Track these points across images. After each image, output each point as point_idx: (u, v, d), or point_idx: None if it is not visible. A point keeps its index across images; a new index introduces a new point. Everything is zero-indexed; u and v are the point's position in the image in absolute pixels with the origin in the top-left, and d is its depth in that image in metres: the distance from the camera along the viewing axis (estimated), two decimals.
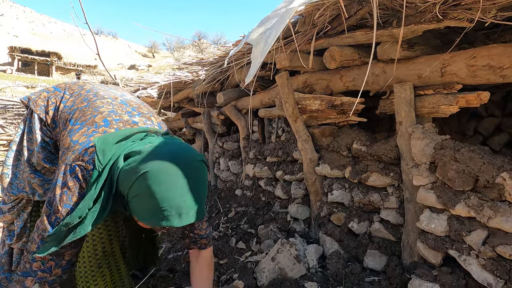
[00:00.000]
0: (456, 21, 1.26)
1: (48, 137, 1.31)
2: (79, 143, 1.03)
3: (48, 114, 1.29)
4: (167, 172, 0.88)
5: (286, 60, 1.92)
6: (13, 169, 1.33)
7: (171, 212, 0.87)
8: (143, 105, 1.34)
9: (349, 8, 1.40)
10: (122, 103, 1.25)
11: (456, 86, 1.43)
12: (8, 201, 1.35)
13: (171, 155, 0.93)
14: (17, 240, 1.37)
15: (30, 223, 1.39)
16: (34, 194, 1.31)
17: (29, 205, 1.38)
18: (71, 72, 30.05)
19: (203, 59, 3.21)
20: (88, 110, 1.17)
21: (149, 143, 0.99)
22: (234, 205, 2.84)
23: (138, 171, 0.88)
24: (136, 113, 1.22)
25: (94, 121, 1.10)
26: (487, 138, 3.13)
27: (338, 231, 1.89)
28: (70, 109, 1.22)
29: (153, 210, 0.87)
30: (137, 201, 0.89)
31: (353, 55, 1.74)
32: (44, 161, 1.29)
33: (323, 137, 2.03)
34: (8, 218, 1.37)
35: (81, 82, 1.42)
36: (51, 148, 1.31)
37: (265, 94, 2.55)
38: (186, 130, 4.21)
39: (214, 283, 1.72)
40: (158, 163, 0.89)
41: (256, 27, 1.08)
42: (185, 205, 0.88)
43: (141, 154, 0.93)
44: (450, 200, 1.34)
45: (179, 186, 0.88)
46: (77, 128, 1.09)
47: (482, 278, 1.22)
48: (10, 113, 6.86)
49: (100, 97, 1.24)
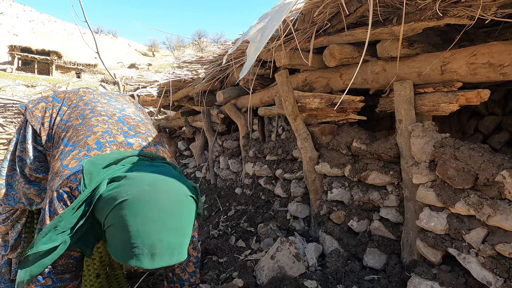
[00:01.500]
0: (456, 19, 1.25)
1: (41, 146, 1.27)
2: (68, 168, 0.97)
3: (43, 126, 1.25)
4: (145, 204, 0.78)
5: (286, 58, 1.92)
6: (8, 179, 1.31)
7: (143, 251, 0.76)
8: (142, 123, 1.26)
9: (349, 6, 1.40)
10: (119, 121, 1.18)
11: (456, 84, 1.42)
12: (3, 212, 1.34)
13: (155, 185, 0.83)
14: (11, 251, 1.36)
15: (24, 234, 1.38)
16: (31, 205, 1.29)
17: (23, 216, 1.36)
18: (71, 71, 30.04)
19: (203, 57, 3.21)
20: (82, 129, 1.11)
21: (137, 169, 0.91)
22: (233, 203, 2.84)
23: (117, 198, 0.80)
24: (132, 133, 1.15)
25: (86, 142, 1.04)
26: (488, 137, 3.12)
27: (338, 230, 1.89)
28: (65, 125, 1.18)
29: (124, 245, 0.77)
30: (111, 232, 0.81)
31: (353, 53, 1.73)
32: (37, 172, 1.26)
33: (323, 136, 2.03)
34: (2, 229, 1.36)
35: (81, 91, 1.37)
36: (44, 158, 1.29)
37: (265, 92, 2.54)
38: (186, 128, 4.20)
39: (214, 281, 1.72)
40: (138, 192, 0.80)
41: (255, 24, 1.07)
42: (160, 244, 0.77)
43: (124, 180, 0.84)
44: (449, 198, 1.34)
45: (157, 221, 0.78)
46: (68, 150, 1.04)
47: (481, 276, 1.22)
48: (10, 112, 6.86)
49: (96, 113, 1.18)
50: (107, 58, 3.99)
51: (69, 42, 41.11)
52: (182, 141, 4.79)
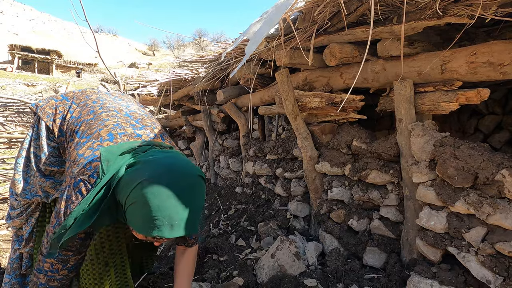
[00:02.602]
0: (456, 18, 1.26)
1: (55, 142, 1.34)
2: (84, 156, 1.07)
3: (55, 122, 1.33)
4: (164, 183, 0.89)
5: (286, 57, 1.92)
6: (24, 175, 1.37)
7: (163, 222, 0.87)
8: (147, 117, 1.37)
9: (349, 5, 1.40)
10: (127, 116, 1.28)
11: (456, 83, 1.42)
12: (18, 207, 1.40)
13: (170, 167, 0.95)
14: (25, 245, 1.42)
15: (36, 227, 1.44)
16: (47, 197, 1.35)
17: (37, 210, 1.42)
18: (72, 70, 30.03)
19: (203, 56, 3.21)
20: (94, 123, 1.20)
21: (151, 155, 1.02)
22: (234, 202, 2.84)
23: (136, 180, 0.90)
24: (139, 126, 1.26)
25: (99, 134, 1.14)
26: (488, 136, 3.12)
27: (338, 229, 1.89)
28: (77, 121, 1.26)
29: (146, 219, 0.88)
30: (132, 209, 0.91)
31: (353, 52, 1.73)
32: (51, 166, 1.33)
33: (323, 135, 2.03)
34: (17, 224, 1.41)
35: (88, 91, 1.45)
36: (58, 153, 1.35)
37: (265, 91, 2.55)
38: (186, 128, 4.21)
39: (214, 280, 1.73)
40: (156, 174, 0.91)
41: (255, 22, 1.08)
42: (177, 216, 0.88)
43: (142, 164, 0.96)
44: (449, 197, 1.34)
45: (174, 198, 0.89)
46: (83, 141, 1.14)
47: (481, 274, 1.23)
48: (11, 111, 6.86)
49: (105, 109, 1.28)
50: (107, 57, 3.99)
51: (69, 41, 41.09)
52: (183, 140, 4.79)
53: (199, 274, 1.80)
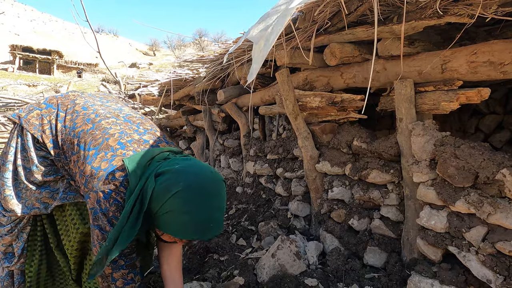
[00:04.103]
0: (456, 17, 1.25)
1: (44, 151, 1.28)
2: (102, 169, 1.07)
3: (45, 133, 1.26)
4: (197, 191, 0.97)
5: (287, 57, 1.92)
6: (14, 189, 1.30)
7: (200, 227, 0.97)
8: (144, 119, 1.34)
9: (349, 5, 1.40)
10: (126, 121, 1.26)
11: (457, 82, 1.42)
12: (7, 223, 1.32)
13: (199, 175, 1.02)
14: (16, 262, 1.36)
15: (27, 242, 1.38)
16: (47, 208, 1.31)
17: (28, 225, 1.36)
18: (72, 71, 30.08)
19: (204, 56, 3.21)
20: (97, 133, 1.17)
21: (175, 163, 1.07)
22: (234, 202, 2.85)
23: (171, 190, 0.96)
24: (142, 131, 1.25)
25: (108, 144, 1.13)
26: (489, 136, 3.12)
27: (339, 228, 1.89)
28: (74, 132, 1.21)
29: (184, 225, 0.97)
30: (170, 217, 0.97)
31: (354, 51, 1.73)
32: (46, 176, 1.28)
33: (324, 134, 2.03)
34: (8, 241, 1.34)
35: (71, 95, 1.37)
36: (48, 162, 1.29)
37: (266, 91, 2.55)
38: (187, 127, 4.21)
39: (215, 279, 1.73)
40: (188, 183, 0.98)
41: (256, 24, 1.08)
42: (211, 220, 0.98)
43: (172, 174, 1.01)
44: (450, 197, 1.34)
45: (207, 203, 0.98)
46: (92, 153, 1.12)
47: (481, 274, 1.23)
48: (12, 111, 6.88)
49: (103, 116, 1.23)
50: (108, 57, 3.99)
51: (70, 41, 41.16)
52: (183, 140, 4.80)
53: (200, 274, 1.81)
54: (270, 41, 1.00)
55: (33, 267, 1.40)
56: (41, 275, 1.43)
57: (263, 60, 1.04)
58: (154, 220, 1.03)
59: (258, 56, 1.03)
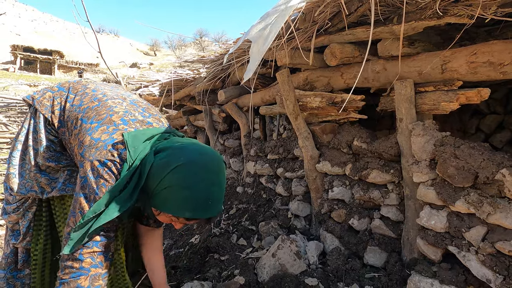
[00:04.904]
0: (456, 18, 1.26)
1: (53, 136, 1.31)
2: (102, 140, 1.06)
3: (54, 113, 1.29)
4: (198, 167, 0.96)
5: (287, 57, 1.93)
6: (19, 169, 1.33)
7: (200, 203, 0.94)
8: (150, 106, 1.36)
9: (350, 5, 1.40)
10: (132, 104, 1.27)
11: (457, 82, 1.42)
12: (13, 201, 1.35)
13: (199, 152, 1.01)
14: (22, 240, 1.38)
15: (33, 222, 1.40)
16: (43, 193, 1.32)
17: (33, 205, 1.38)
18: (73, 71, 30.13)
19: (204, 56, 3.22)
20: (101, 109, 1.18)
21: (176, 141, 1.06)
22: (235, 202, 2.85)
23: (171, 164, 0.95)
24: (147, 114, 1.25)
25: (111, 120, 1.13)
26: (489, 136, 3.12)
27: (339, 228, 1.90)
28: (80, 108, 1.23)
29: (183, 201, 0.94)
30: (168, 193, 0.95)
31: (354, 52, 1.74)
32: (49, 161, 1.29)
33: (324, 134, 2.04)
34: (14, 218, 1.37)
35: (83, 81, 1.42)
36: (56, 147, 1.31)
37: (266, 91, 2.55)
38: (188, 128, 4.22)
39: (216, 279, 1.74)
40: (190, 159, 0.96)
41: (256, 24, 1.08)
42: (212, 197, 0.96)
43: (172, 150, 1.00)
44: (450, 197, 1.34)
45: (208, 180, 0.96)
46: (94, 126, 1.11)
47: (481, 273, 1.23)
48: (13, 111, 6.90)
49: (110, 97, 1.26)
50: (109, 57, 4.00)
51: (71, 41, 41.22)
52: None
53: (201, 273, 1.81)
54: (268, 40, 1.00)
55: (38, 246, 1.41)
56: (47, 255, 1.44)
57: (260, 59, 1.05)
58: (151, 199, 1.00)
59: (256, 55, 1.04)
